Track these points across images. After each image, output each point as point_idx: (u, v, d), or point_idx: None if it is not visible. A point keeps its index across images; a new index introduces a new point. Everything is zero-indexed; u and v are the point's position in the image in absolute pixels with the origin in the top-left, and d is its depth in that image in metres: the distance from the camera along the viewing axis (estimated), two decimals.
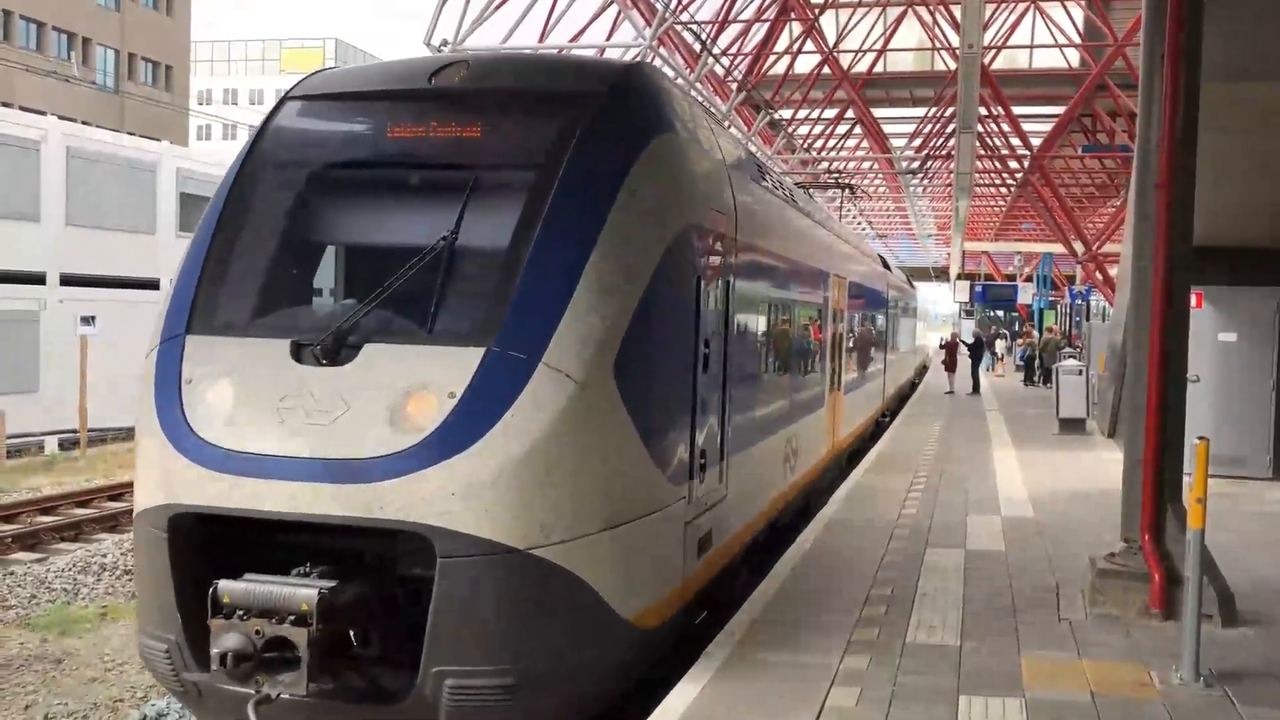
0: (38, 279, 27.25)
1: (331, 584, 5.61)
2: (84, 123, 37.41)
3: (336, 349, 5.89)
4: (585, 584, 5.82)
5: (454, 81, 6.93)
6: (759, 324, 9.28)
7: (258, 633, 5.46)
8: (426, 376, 5.74)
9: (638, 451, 6.22)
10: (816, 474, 12.99)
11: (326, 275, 6.80)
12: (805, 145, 39.20)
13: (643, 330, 6.19)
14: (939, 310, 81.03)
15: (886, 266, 24.48)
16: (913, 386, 33.84)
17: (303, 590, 5.51)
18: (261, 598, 5.53)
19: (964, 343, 36.30)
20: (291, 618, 5.45)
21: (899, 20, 33.12)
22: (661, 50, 25.43)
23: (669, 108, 7.21)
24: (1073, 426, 20.24)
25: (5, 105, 35.27)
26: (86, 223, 28.54)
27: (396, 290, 6.01)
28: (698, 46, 27.86)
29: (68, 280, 27.87)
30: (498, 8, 21.06)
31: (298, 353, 5.94)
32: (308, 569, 5.77)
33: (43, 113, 34.42)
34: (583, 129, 6.45)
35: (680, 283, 6.78)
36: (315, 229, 6.82)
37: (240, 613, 5.54)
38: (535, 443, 5.62)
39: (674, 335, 6.73)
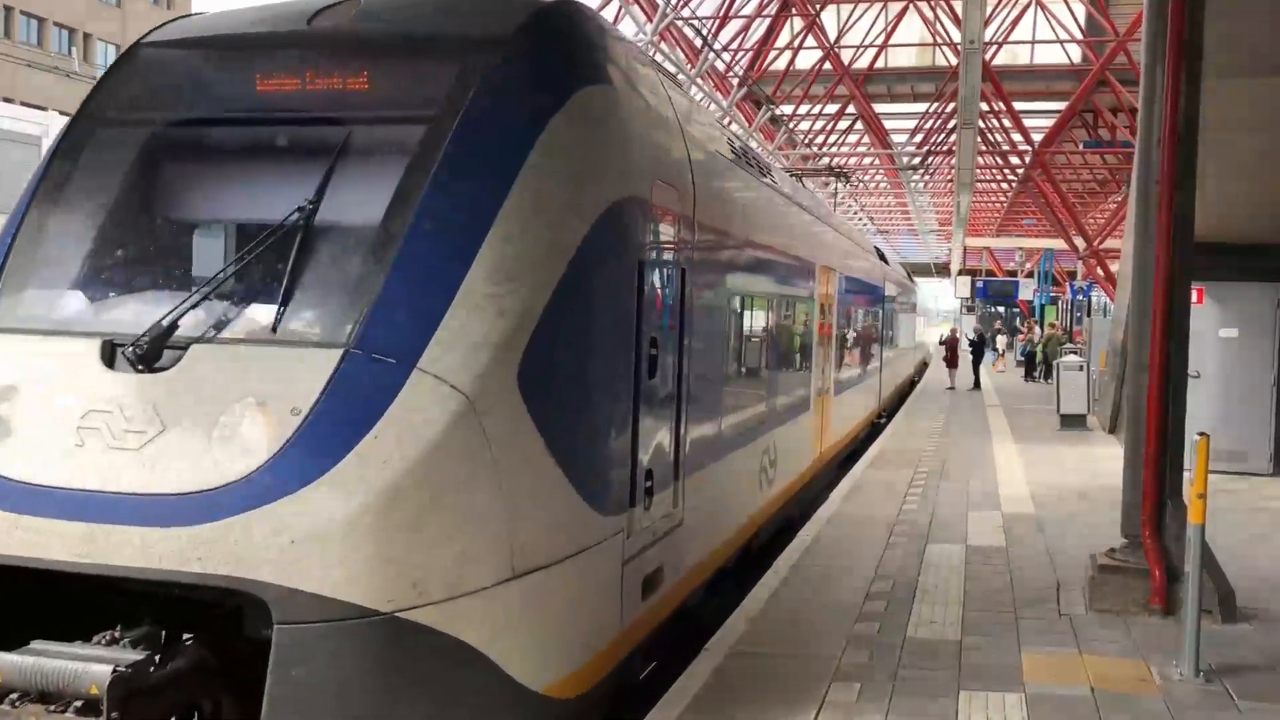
0: None
1: (138, 656, 4.35)
2: None
3: (156, 351, 4.70)
4: (477, 653, 4.58)
5: (338, 24, 5.78)
6: (725, 320, 8.05)
7: None
8: (265, 386, 4.55)
9: (551, 478, 4.97)
10: (800, 488, 11.78)
11: (166, 259, 5.51)
12: (806, 141, 39.26)
13: (559, 327, 5.04)
14: (940, 306, 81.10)
15: (884, 259, 24.10)
16: (912, 384, 33.79)
17: (94, 666, 4.23)
18: (41, 675, 4.25)
19: (965, 337, 36.39)
20: (78, 704, 4.20)
21: (900, 16, 33.19)
22: (663, 45, 25.44)
23: (602, 57, 5.95)
24: (1074, 422, 20.26)
25: (7, 100, 35.25)
26: None
27: (237, 276, 4.92)
28: (699, 42, 27.90)
29: None
30: None
31: (110, 355, 4.76)
32: (119, 633, 4.58)
33: (43, 108, 34.39)
34: (484, 79, 5.29)
35: (613, 269, 5.61)
36: (153, 202, 5.55)
37: (14, 696, 4.30)
38: (404, 473, 4.39)
39: (604, 333, 5.51)
